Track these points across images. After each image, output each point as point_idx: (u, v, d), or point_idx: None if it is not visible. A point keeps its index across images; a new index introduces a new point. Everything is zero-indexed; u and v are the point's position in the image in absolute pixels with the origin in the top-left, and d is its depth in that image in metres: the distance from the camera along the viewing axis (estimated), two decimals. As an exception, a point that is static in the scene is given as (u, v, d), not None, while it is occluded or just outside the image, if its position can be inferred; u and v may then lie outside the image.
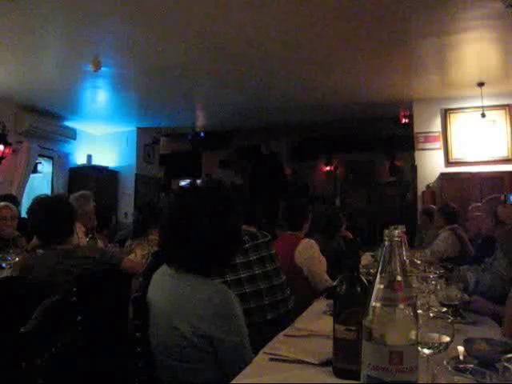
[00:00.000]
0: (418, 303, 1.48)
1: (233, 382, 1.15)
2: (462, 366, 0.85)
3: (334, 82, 5.94)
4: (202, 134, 9.40)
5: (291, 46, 4.74)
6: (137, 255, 3.24)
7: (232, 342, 1.39)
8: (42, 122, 6.96)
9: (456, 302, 1.73)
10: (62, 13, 3.97)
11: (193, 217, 1.46)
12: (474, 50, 4.88)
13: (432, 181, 6.55)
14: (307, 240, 2.98)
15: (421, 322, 0.96)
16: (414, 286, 1.99)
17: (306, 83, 5.96)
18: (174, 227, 1.48)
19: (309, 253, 2.87)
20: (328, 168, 11.65)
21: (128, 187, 8.32)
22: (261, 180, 9.74)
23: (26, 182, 6.81)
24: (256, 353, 1.40)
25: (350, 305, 1.14)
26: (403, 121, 7.44)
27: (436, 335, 1.07)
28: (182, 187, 1.63)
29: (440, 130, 6.63)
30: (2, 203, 3.74)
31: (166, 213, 1.56)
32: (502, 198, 3.30)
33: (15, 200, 5.08)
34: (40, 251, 2.52)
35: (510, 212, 2.84)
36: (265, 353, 1.37)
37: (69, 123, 7.63)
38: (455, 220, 4.61)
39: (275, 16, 4.05)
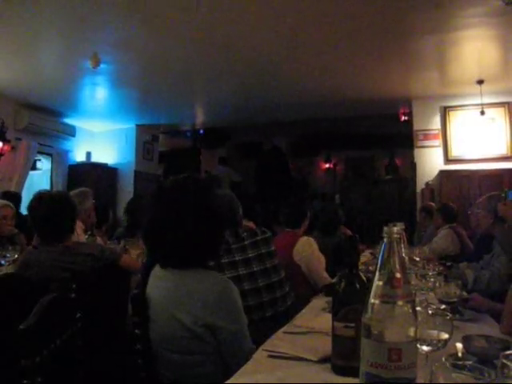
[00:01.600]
0: (417, 300, 1.49)
1: (231, 380, 1.15)
2: (460, 362, 0.85)
3: (333, 80, 5.93)
4: (201, 131, 9.39)
5: (291, 44, 4.72)
6: (132, 255, 3.23)
7: (232, 329, 1.41)
8: (41, 119, 6.93)
9: (455, 300, 1.74)
10: (61, 9, 3.95)
11: (178, 214, 1.46)
12: (473, 48, 4.86)
13: (431, 178, 6.54)
14: (306, 238, 2.98)
15: (420, 319, 0.96)
16: (412, 283, 2.00)
17: (305, 80, 5.94)
18: (163, 229, 1.47)
19: (307, 250, 2.88)
20: (327, 165, 11.64)
21: (127, 184, 8.30)
22: (266, 176, 9.59)
23: (25, 179, 6.79)
24: (255, 350, 1.40)
25: (348, 302, 1.14)
26: (402, 118, 7.43)
27: (435, 332, 1.07)
28: (154, 192, 1.61)
29: (439, 127, 6.62)
30: (3, 202, 3.71)
31: (149, 219, 1.54)
32: (503, 194, 3.29)
33: (16, 197, 5.06)
34: (40, 248, 2.52)
35: (510, 209, 2.83)
36: (264, 350, 1.37)
37: (68, 120, 7.61)
38: (454, 220, 4.63)
39: (275, 14, 4.04)
